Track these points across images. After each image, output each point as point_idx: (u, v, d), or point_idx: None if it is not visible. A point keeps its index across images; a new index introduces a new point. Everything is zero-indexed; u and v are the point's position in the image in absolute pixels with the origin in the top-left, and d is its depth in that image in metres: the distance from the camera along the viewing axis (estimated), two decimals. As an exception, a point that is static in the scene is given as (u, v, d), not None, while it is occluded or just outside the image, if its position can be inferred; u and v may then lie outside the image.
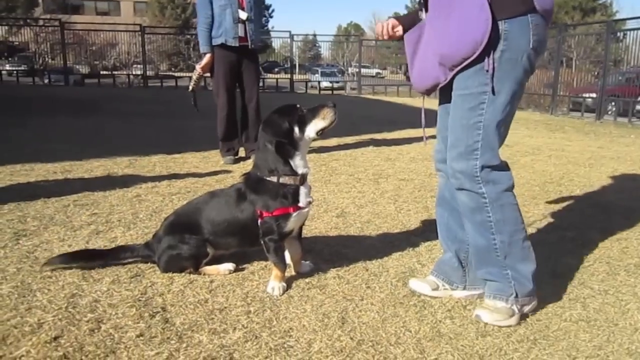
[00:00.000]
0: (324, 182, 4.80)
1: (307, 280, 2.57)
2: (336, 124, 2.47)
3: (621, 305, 2.42)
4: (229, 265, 2.64)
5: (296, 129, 2.41)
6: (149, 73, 22.82)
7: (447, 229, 2.49)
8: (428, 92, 2.35)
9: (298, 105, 2.48)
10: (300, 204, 2.47)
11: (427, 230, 3.41)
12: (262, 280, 2.55)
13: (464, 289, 2.45)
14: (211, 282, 2.51)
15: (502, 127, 2.15)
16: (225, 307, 2.27)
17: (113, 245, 2.90)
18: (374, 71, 41.43)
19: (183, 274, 2.57)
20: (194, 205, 2.74)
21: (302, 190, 2.48)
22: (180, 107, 11.40)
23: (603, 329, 2.20)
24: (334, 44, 31.71)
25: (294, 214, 2.45)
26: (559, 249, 3.12)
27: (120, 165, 5.20)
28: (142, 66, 21.97)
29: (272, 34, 26.99)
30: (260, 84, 23.50)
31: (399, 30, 2.45)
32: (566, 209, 4.09)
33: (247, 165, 5.32)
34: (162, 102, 13.64)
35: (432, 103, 2.51)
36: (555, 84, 14.48)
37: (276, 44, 27.46)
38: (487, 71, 2.03)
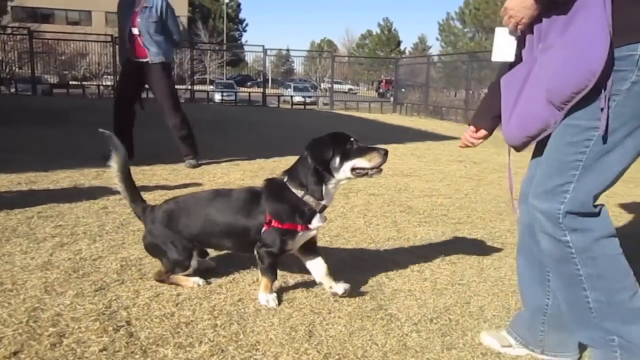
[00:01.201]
0: (295, 196, 4.80)
1: (275, 293, 2.57)
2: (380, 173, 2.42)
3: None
4: (199, 280, 2.61)
5: (337, 160, 2.37)
6: (120, 84, 22.53)
7: (526, 282, 2.15)
8: (523, 146, 1.98)
9: (352, 138, 2.42)
10: (311, 226, 2.44)
11: (395, 245, 3.45)
12: (229, 294, 2.54)
13: (542, 353, 2.10)
14: (178, 295, 2.49)
15: (609, 173, 1.76)
16: (192, 321, 2.25)
17: (78, 258, 2.85)
18: (346, 87, 41.81)
19: (149, 288, 2.54)
20: (197, 199, 2.70)
21: (317, 215, 2.45)
22: (150, 119, 11.29)
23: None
24: (307, 59, 31.95)
25: (300, 233, 2.42)
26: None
27: (87, 177, 5.11)
28: (112, 77, 21.71)
29: (246, 48, 27.10)
30: (233, 98, 23.44)
31: (482, 132, 2.32)
32: (531, 225, 4.18)
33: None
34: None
35: (399, 119, 2.55)
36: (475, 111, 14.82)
37: (249, 58, 27.60)
38: (602, 109, 1.66)
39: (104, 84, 23.16)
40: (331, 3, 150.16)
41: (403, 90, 22.81)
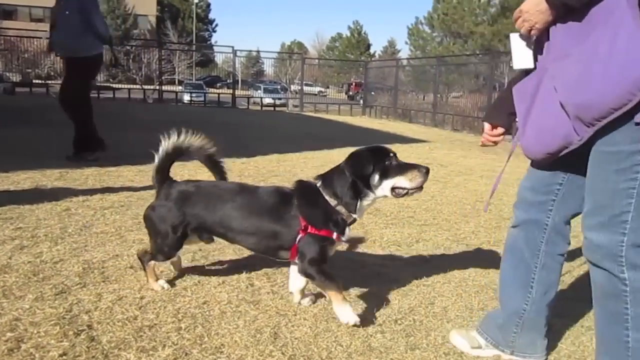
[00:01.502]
0: (263, 198, 4.79)
1: (240, 296, 2.56)
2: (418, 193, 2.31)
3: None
4: (163, 283, 2.57)
5: (376, 176, 2.25)
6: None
7: (508, 283, 2.14)
8: (548, 159, 1.87)
9: (392, 154, 2.30)
10: (343, 238, 2.34)
11: (362, 247, 3.48)
12: (194, 297, 2.51)
13: (512, 354, 2.11)
14: (141, 298, 2.45)
15: None
16: (155, 324, 2.22)
17: (38, 261, 2.79)
18: (316, 89, 41.88)
19: (111, 291, 2.50)
20: (220, 188, 2.56)
21: (347, 227, 2.35)
22: (118, 119, 11.11)
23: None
24: (278, 61, 31.88)
25: (336, 242, 2.32)
26: (487, 265, 3.24)
27: (50, 178, 4.99)
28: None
29: (215, 48, 26.88)
30: (202, 99, 23.19)
31: (499, 129, 2.18)
32: (494, 226, 4.27)
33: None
34: (98, 114, 13.20)
35: (369, 122, 2.57)
36: (488, 108, 15.12)
37: (219, 59, 27.40)
38: (638, 124, 1.56)
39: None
40: (302, 5, 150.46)
41: (372, 93, 23.00)
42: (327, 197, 2.28)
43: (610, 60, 1.54)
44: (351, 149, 2.40)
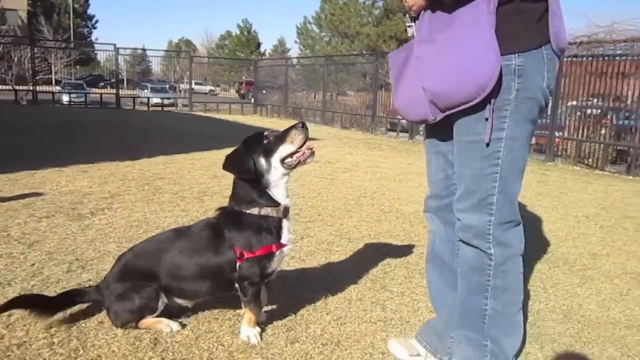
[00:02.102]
0: (146, 201, 4.66)
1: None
2: (308, 150, 2.21)
3: (414, 305, 2.73)
4: (173, 324, 2.29)
5: (262, 161, 2.18)
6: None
7: (437, 290, 2.19)
8: (417, 123, 2.10)
9: (265, 133, 2.23)
10: (283, 241, 2.25)
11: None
12: (69, 310, 2.40)
13: None
14: (9, 316, 2.30)
15: (521, 174, 1.89)
16: (25, 342, 2.11)
17: None
18: (207, 88, 41.08)
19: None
20: (155, 244, 2.38)
21: (285, 224, 2.27)
22: (-17, 123, 10.19)
23: (397, 327, 2.47)
24: (165, 59, 30.80)
25: (277, 253, 2.24)
26: (367, 257, 3.42)
27: None
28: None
29: (96, 46, 25.41)
30: (82, 99, 21.83)
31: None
32: (375, 220, 4.49)
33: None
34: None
35: (260, 120, 2.59)
36: (374, 106, 15.73)
37: (101, 57, 25.89)
38: (487, 119, 1.76)
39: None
40: (189, 2, 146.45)
41: (264, 91, 23.04)
42: (247, 212, 2.21)
43: (464, 61, 1.70)
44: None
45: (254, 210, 2.21)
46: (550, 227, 4.53)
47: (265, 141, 2.20)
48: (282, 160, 2.18)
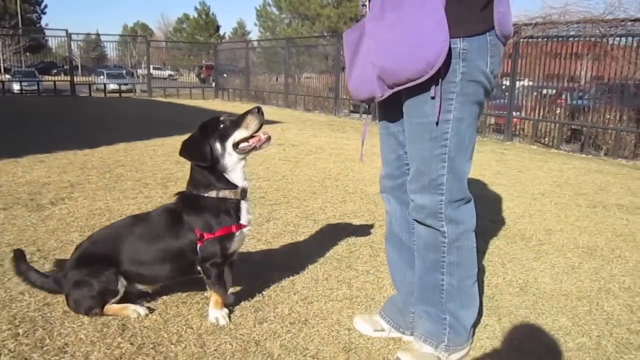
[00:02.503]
0: (108, 189, 4.59)
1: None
2: (261, 132, 2.23)
3: (378, 282, 2.80)
4: (140, 309, 2.29)
5: (217, 146, 2.19)
6: None
7: (396, 268, 2.26)
8: (365, 102, 2.09)
9: (221, 118, 2.24)
10: (243, 222, 2.27)
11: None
12: (33, 300, 2.38)
13: (411, 334, 2.18)
14: (-30, 308, 2.26)
15: (470, 154, 1.94)
16: (-12, 334, 2.08)
17: None
18: (166, 73, 40.22)
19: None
20: (114, 230, 2.38)
21: (244, 205, 2.29)
22: None
23: (362, 304, 2.53)
24: (121, 44, 29.95)
25: (237, 233, 2.26)
26: (333, 237, 3.47)
27: None
28: None
29: (47, 32, 24.47)
30: (35, 87, 21.05)
31: None
32: (340, 201, 4.55)
33: (18, 177, 4.85)
34: None
35: (222, 105, 2.58)
36: (337, 88, 15.74)
37: (52, 43, 24.90)
38: (433, 98, 1.80)
39: None
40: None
41: (224, 75, 22.71)
42: (205, 195, 2.23)
43: (413, 38, 1.73)
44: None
45: (212, 194, 2.23)
46: (508, 204, 4.68)
47: (221, 126, 2.22)
48: (236, 145, 2.20)
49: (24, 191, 4.42)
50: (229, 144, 2.20)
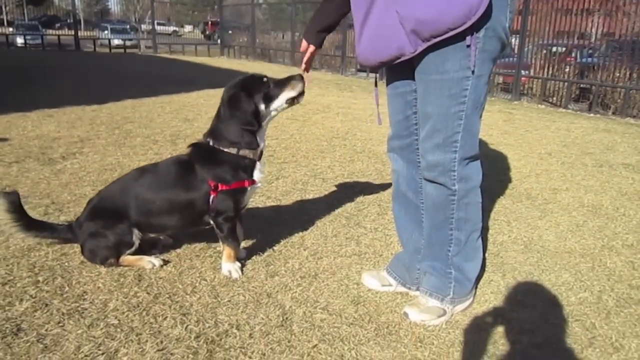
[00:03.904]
0: (118, 145, 4.63)
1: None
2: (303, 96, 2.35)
3: (386, 240, 2.86)
4: (155, 260, 2.36)
5: (262, 107, 2.26)
6: None
7: (403, 226, 2.28)
8: (377, 68, 2.01)
9: (265, 79, 2.30)
10: (255, 178, 2.34)
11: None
12: (50, 250, 2.45)
13: (417, 290, 2.23)
14: (-9, 257, 2.34)
15: (482, 111, 1.93)
16: (10, 280, 2.16)
17: None
18: (170, 29, 39.67)
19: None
20: (121, 184, 2.43)
21: (258, 165, 2.36)
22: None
23: (370, 260, 2.60)
24: (124, -2, 29.48)
25: (249, 188, 2.34)
26: (341, 196, 3.52)
27: None
28: None
29: (50, -17, 23.97)
30: (39, 41, 20.82)
31: (311, 47, 2.29)
32: (348, 160, 4.58)
33: (28, 132, 4.88)
34: None
35: (228, 62, 2.58)
36: (344, 46, 15.54)
37: (55, -5, 24.53)
38: (468, 46, 1.73)
39: None
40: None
41: (230, 32, 22.39)
42: (225, 150, 2.27)
43: None
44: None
45: (233, 150, 2.27)
46: (514, 164, 4.70)
47: (264, 89, 2.28)
48: (287, 102, 2.31)
49: (35, 145, 4.46)
50: (275, 105, 2.29)
